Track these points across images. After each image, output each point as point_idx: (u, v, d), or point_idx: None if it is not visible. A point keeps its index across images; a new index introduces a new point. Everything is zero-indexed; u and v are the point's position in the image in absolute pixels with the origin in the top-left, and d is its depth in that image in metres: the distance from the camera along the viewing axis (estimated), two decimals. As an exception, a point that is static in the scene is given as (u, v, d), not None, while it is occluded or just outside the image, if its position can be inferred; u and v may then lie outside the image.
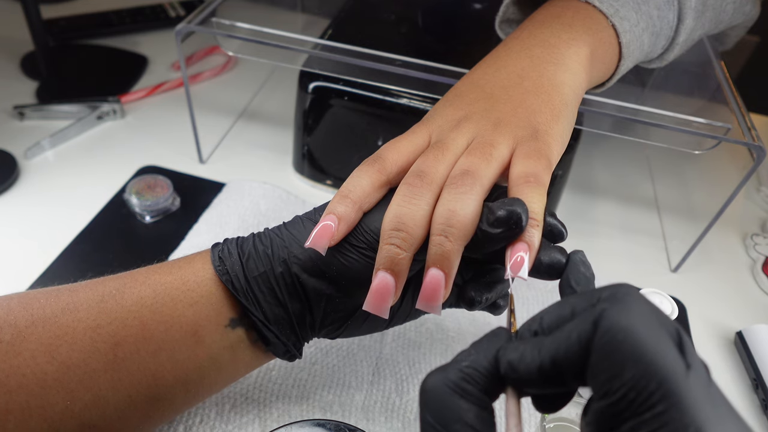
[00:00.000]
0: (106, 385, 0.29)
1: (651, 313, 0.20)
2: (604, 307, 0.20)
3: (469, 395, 0.22)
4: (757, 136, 0.47)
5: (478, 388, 0.23)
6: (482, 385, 0.23)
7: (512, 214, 0.28)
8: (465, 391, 0.22)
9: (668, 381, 0.18)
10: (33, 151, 0.60)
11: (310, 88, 0.56)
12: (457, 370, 0.23)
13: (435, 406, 0.22)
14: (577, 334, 0.21)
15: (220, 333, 0.32)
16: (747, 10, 0.54)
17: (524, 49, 0.38)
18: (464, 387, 0.22)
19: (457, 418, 0.22)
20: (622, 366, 0.19)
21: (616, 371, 0.19)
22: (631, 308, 0.20)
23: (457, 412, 0.22)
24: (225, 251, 0.33)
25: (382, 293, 0.29)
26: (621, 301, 0.20)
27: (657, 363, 0.18)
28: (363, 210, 0.31)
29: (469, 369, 0.23)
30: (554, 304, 0.24)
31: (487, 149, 0.31)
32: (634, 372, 0.19)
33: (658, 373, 0.18)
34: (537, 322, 0.23)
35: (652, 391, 0.18)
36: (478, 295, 0.33)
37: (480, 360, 0.23)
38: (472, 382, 0.23)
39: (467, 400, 0.22)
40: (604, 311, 0.20)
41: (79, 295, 0.31)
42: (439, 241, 0.28)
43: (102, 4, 0.84)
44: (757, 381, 0.47)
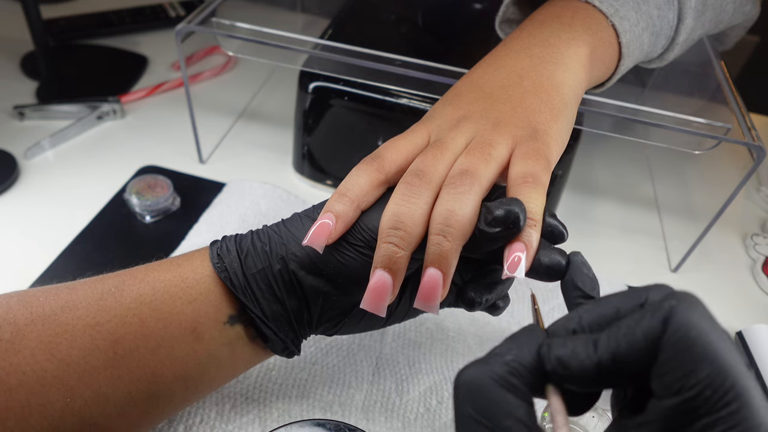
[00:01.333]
0: (105, 382, 0.30)
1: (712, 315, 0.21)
2: (673, 305, 0.20)
3: (517, 390, 0.22)
4: (757, 136, 0.47)
5: (524, 383, 0.22)
6: (528, 380, 0.22)
7: (510, 213, 0.28)
8: (513, 386, 0.22)
9: (741, 380, 0.19)
10: (33, 151, 0.60)
11: (310, 88, 0.56)
12: (503, 363, 0.22)
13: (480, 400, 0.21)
14: (643, 330, 0.20)
15: (218, 330, 0.32)
16: (747, 10, 0.54)
17: (524, 49, 0.38)
18: (512, 381, 0.22)
19: (507, 413, 0.21)
20: (698, 363, 0.19)
21: (690, 368, 0.19)
22: (698, 308, 0.20)
23: (507, 407, 0.21)
24: (223, 248, 0.33)
25: (379, 292, 0.29)
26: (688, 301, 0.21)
27: (731, 362, 0.19)
28: (361, 208, 0.31)
29: (515, 363, 0.22)
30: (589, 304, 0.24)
31: (486, 149, 0.31)
32: (709, 370, 0.19)
33: (732, 371, 0.19)
34: (575, 321, 0.23)
35: (728, 390, 0.18)
36: (478, 296, 0.33)
37: (524, 355, 0.22)
38: (518, 376, 0.22)
39: (515, 395, 0.21)
40: (674, 309, 0.20)
41: (79, 292, 0.31)
42: (438, 241, 0.28)
43: (102, 4, 0.84)
44: (757, 381, 0.47)
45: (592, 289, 0.28)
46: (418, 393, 0.43)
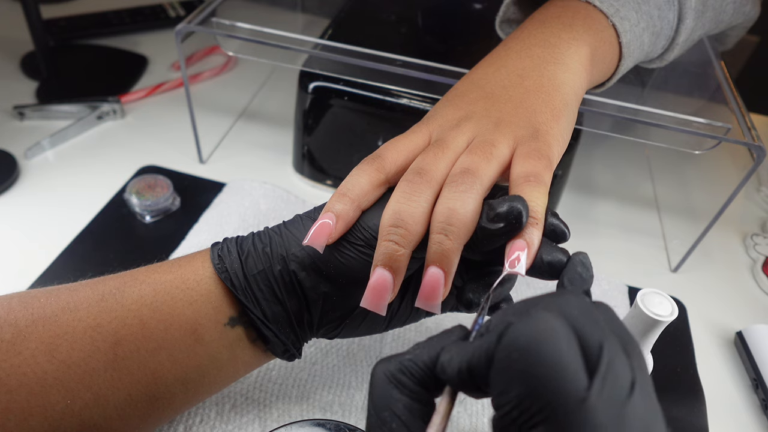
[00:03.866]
0: (106, 384, 0.29)
1: (561, 328, 0.20)
2: (511, 321, 0.20)
3: (402, 386, 0.23)
4: (757, 136, 0.47)
5: (414, 381, 0.23)
6: (419, 378, 0.24)
7: (513, 209, 0.28)
8: (400, 382, 0.23)
9: (554, 402, 0.18)
10: (33, 151, 0.60)
11: (310, 88, 0.56)
12: (398, 361, 0.24)
13: (373, 393, 0.24)
14: (486, 344, 0.21)
15: (219, 331, 0.32)
16: (747, 11, 0.54)
17: (524, 49, 0.38)
18: (399, 378, 0.24)
19: (386, 406, 0.23)
20: (510, 383, 0.19)
21: (505, 387, 0.20)
22: (537, 324, 0.20)
23: (387, 400, 0.23)
24: (224, 250, 0.33)
25: (379, 290, 0.29)
26: (529, 315, 0.20)
27: (545, 384, 0.19)
28: (361, 208, 0.31)
29: (409, 362, 0.24)
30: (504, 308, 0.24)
31: (487, 148, 0.31)
32: (519, 391, 0.19)
33: (544, 394, 0.19)
34: (486, 325, 0.24)
35: (534, 412, 0.19)
36: (476, 297, 0.33)
37: (422, 355, 0.24)
38: (408, 375, 0.24)
39: (399, 391, 0.23)
40: (509, 326, 0.20)
41: (79, 294, 0.31)
42: (439, 240, 0.28)
43: (102, 4, 0.84)
44: (757, 381, 0.47)
45: (579, 288, 0.28)
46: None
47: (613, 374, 0.19)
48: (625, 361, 0.20)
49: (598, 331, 0.20)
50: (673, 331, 0.51)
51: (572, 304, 0.21)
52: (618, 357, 0.20)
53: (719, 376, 0.49)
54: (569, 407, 0.18)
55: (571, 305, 0.21)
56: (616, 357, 0.20)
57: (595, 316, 0.21)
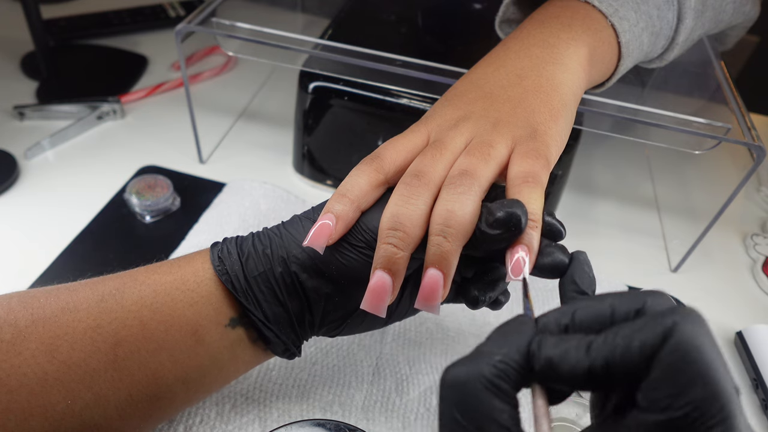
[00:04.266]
0: (106, 384, 0.30)
1: (712, 334, 0.20)
2: (677, 321, 0.20)
3: (503, 394, 0.21)
4: (757, 136, 0.47)
5: (512, 386, 0.21)
6: (515, 382, 0.21)
7: (512, 216, 0.28)
8: (499, 389, 0.21)
9: (729, 405, 0.19)
10: (33, 151, 0.60)
11: (310, 88, 0.56)
12: (491, 365, 0.21)
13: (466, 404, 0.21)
14: (640, 342, 0.20)
15: (219, 332, 0.32)
16: (747, 10, 0.54)
17: (523, 49, 0.38)
18: (499, 384, 0.21)
19: (492, 419, 0.20)
20: (691, 385, 0.19)
21: (681, 389, 0.19)
22: (701, 327, 0.20)
23: (491, 412, 0.21)
24: (224, 251, 0.33)
25: (379, 292, 0.29)
26: (692, 319, 0.20)
27: (723, 386, 0.19)
28: (361, 209, 0.31)
29: (503, 365, 0.21)
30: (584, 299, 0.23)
31: (485, 149, 0.31)
32: (702, 393, 0.19)
33: (722, 395, 0.19)
34: (568, 315, 0.23)
35: (714, 414, 0.18)
36: (482, 294, 0.33)
37: (512, 354, 0.21)
38: (505, 379, 0.21)
39: (501, 400, 0.21)
40: (677, 325, 0.19)
41: (79, 294, 0.31)
42: (438, 242, 0.28)
43: (102, 4, 0.84)
44: (757, 381, 0.47)
45: (589, 287, 0.28)
46: (418, 393, 0.43)
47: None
48: None
49: None
50: (673, 331, 0.51)
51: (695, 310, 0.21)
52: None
53: (719, 376, 0.49)
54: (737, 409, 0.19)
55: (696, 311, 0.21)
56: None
57: None
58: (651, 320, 0.20)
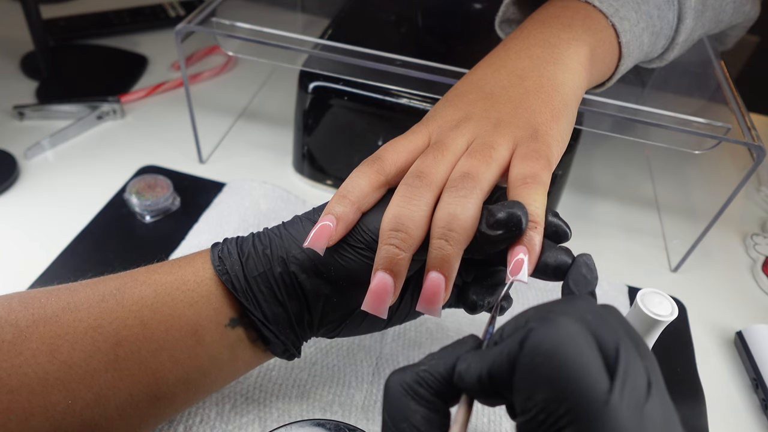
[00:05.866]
0: (107, 384, 0.30)
1: (580, 331, 0.20)
2: (532, 327, 0.21)
3: (419, 398, 0.24)
4: (757, 136, 0.47)
5: (430, 392, 0.24)
6: (435, 389, 0.24)
7: (512, 216, 0.28)
8: (416, 394, 0.24)
9: (579, 405, 0.19)
10: (33, 151, 0.60)
11: (310, 88, 0.56)
12: (414, 372, 0.24)
13: (390, 405, 0.24)
14: (507, 350, 0.21)
15: (220, 332, 0.32)
16: (747, 10, 0.54)
17: (524, 49, 0.38)
18: (416, 389, 0.24)
19: (404, 417, 0.23)
20: (536, 388, 0.20)
21: (530, 392, 0.20)
22: (558, 329, 0.20)
23: (405, 412, 0.23)
24: (225, 251, 0.33)
25: (380, 293, 0.29)
26: (550, 321, 0.21)
27: (570, 387, 0.19)
28: (361, 210, 0.31)
29: (425, 373, 0.24)
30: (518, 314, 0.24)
31: (487, 151, 0.31)
32: (546, 394, 0.19)
33: (570, 397, 0.19)
34: (499, 332, 0.24)
35: (561, 415, 0.19)
36: (480, 299, 0.33)
37: (437, 366, 0.24)
38: (424, 386, 0.24)
39: (417, 402, 0.23)
40: (531, 331, 0.21)
41: (80, 294, 0.31)
42: (440, 245, 0.28)
43: (102, 4, 0.84)
44: (757, 381, 0.47)
45: (585, 289, 0.28)
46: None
47: (631, 376, 0.20)
48: (639, 363, 0.20)
49: (613, 334, 0.21)
50: (673, 331, 0.51)
51: (586, 308, 0.22)
52: (633, 359, 0.20)
53: (719, 376, 0.49)
54: (594, 409, 0.19)
55: (585, 309, 0.21)
56: (632, 359, 0.20)
57: (608, 319, 0.21)
58: (520, 329, 0.22)
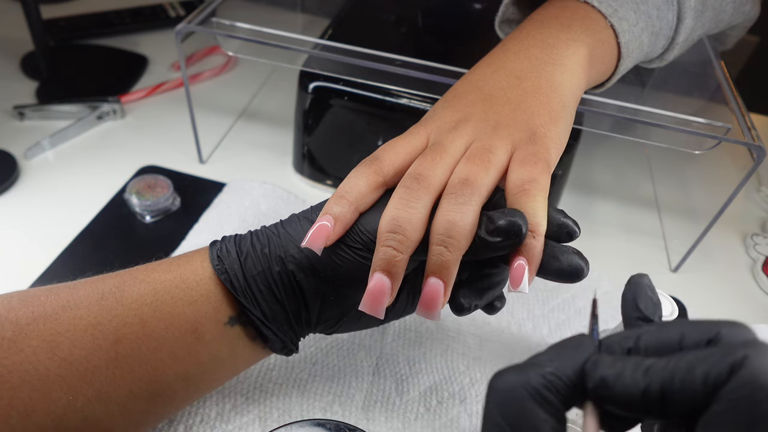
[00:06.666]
0: (107, 380, 0.30)
1: None
2: (749, 354, 0.18)
3: (549, 405, 0.21)
4: (757, 136, 0.47)
5: (559, 399, 0.21)
6: (564, 395, 0.21)
7: (512, 225, 0.28)
8: (545, 400, 0.21)
9: None
10: (33, 151, 0.60)
11: (310, 88, 0.56)
12: (540, 375, 0.21)
13: (510, 410, 0.21)
14: (704, 371, 0.19)
15: (219, 330, 0.33)
16: (746, 10, 0.54)
17: (523, 50, 0.38)
18: (545, 395, 0.21)
19: (532, 426, 0.20)
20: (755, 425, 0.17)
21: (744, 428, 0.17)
22: None
23: (534, 421, 0.20)
24: (223, 250, 0.33)
25: (378, 295, 0.29)
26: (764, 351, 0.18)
27: None
28: (359, 211, 0.31)
29: (553, 377, 0.21)
30: (653, 325, 0.22)
31: (485, 156, 0.31)
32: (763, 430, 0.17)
33: None
34: (632, 339, 0.22)
35: None
36: (467, 301, 0.33)
37: (565, 368, 0.21)
38: (553, 392, 0.21)
39: (546, 411, 0.21)
40: (748, 359, 0.18)
41: (80, 292, 0.32)
42: (439, 251, 0.28)
43: (102, 4, 0.84)
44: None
45: (654, 313, 0.26)
46: (418, 393, 0.43)
47: None
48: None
49: None
50: (673, 331, 0.51)
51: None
52: None
53: (719, 376, 0.49)
54: None
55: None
56: None
57: None
58: (720, 350, 0.19)
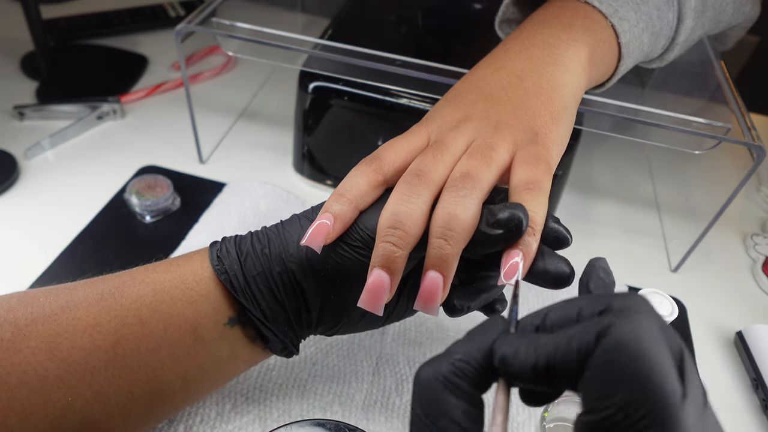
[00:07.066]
0: (106, 382, 0.30)
1: (659, 333, 0.19)
2: (612, 321, 0.19)
3: (459, 390, 0.22)
4: (757, 136, 0.47)
5: (469, 383, 0.22)
6: (473, 378, 0.22)
7: (513, 217, 0.28)
8: (455, 386, 0.22)
9: (660, 409, 0.18)
10: (33, 151, 0.60)
11: (310, 88, 0.56)
12: (449, 363, 0.22)
13: (424, 400, 0.22)
14: (577, 342, 0.20)
15: (218, 331, 0.32)
16: (747, 10, 0.54)
17: (524, 50, 0.38)
18: (455, 381, 0.22)
19: (444, 413, 0.21)
20: (616, 386, 0.18)
21: (608, 391, 0.19)
22: (641, 327, 0.19)
23: (445, 408, 0.21)
24: (223, 250, 0.33)
25: (377, 291, 0.29)
26: (631, 317, 0.19)
27: (654, 390, 0.18)
28: (359, 209, 0.31)
29: (461, 363, 0.22)
30: (561, 302, 0.23)
31: (487, 152, 0.31)
32: (626, 394, 0.18)
33: (651, 399, 0.18)
34: (540, 317, 0.23)
35: (640, 418, 0.18)
36: (461, 303, 0.33)
37: (473, 352, 0.22)
38: (462, 377, 0.22)
39: (456, 396, 0.22)
40: (612, 326, 0.19)
41: (79, 293, 0.31)
42: (439, 244, 0.28)
43: (102, 4, 0.84)
44: (757, 381, 0.47)
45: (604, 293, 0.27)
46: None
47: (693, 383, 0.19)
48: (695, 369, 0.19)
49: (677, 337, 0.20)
50: (673, 331, 0.51)
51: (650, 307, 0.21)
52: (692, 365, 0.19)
53: (719, 376, 0.49)
54: (671, 413, 0.18)
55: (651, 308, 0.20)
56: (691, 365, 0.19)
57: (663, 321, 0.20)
58: (594, 321, 0.20)
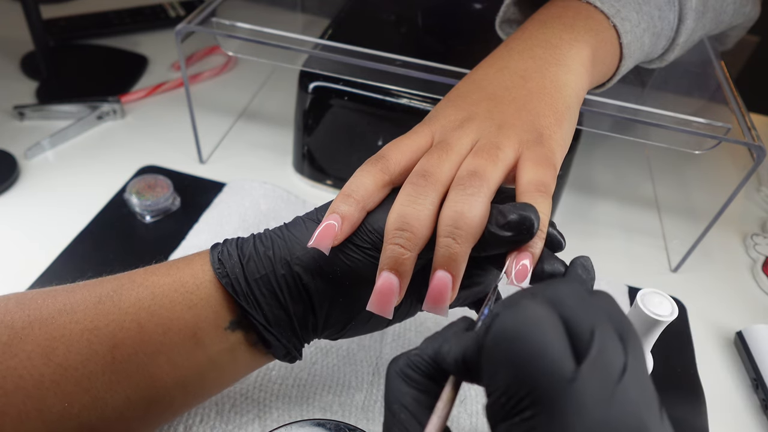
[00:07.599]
0: (104, 387, 0.29)
1: (545, 316, 0.20)
2: (498, 312, 0.21)
3: (410, 380, 0.25)
4: (757, 136, 0.47)
5: (420, 374, 0.25)
6: (424, 371, 0.25)
7: (525, 219, 0.28)
8: (407, 376, 0.25)
9: (541, 387, 0.19)
10: (33, 151, 0.60)
11: (310, 88, 0.56)
12: (406, 357, 0.25)
13: (386, 389, 0.25)
14: (477, 335, 0.22)
15: (219, 335, 0.32)
16: (747, 11, 0.54)
17: (526, 50, 0.37)
18: (407, 372, 0.25)
19: (396, 399, 0.25)
20: (497, 370, 0.20)
21: (493, 375, 0.20)
22: (519, 313, 0.20)
23: (396, 394, 0.25)
24: (225, 253, 0.33)
25: (386, 293, 0.28)
26: (513, 305, 0.21)
27: (530, 369, 0.19)
28: (366, 210, 0.31)
29: (415, 357, 0.25)
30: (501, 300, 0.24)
31: (493, 151, 0.31)
32: (506, 377, 0.20)
33: (530, 379, 0.19)
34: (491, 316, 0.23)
35: (522, 397, 0.19)
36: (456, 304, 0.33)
37: (426, 349, 0.25)
38: (415, 369, 0.25)
39: (407, 384, 0.25)
40: (496, 316, 0.21)
41: (76, 296, 0.31)
42: (447, 243, 0.28)
43: (102, 4, 0.84)
44: (757, 381, 0.47)
45: None
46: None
47: (604, 358, 0.19)
48: (618, 346, 0.20)
49: (589, 317, 0.21)
50: (673, 331, 0.51)
51: (562, 291, 0.22)
52: (610, 342, 0.20)
53: (719, 376, 0.49)
54: (556, 390, 0.19)
55: (560, 293, 0.22)
56: (608, 342, 0.20)
57: (588, 303, 0.21)
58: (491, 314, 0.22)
